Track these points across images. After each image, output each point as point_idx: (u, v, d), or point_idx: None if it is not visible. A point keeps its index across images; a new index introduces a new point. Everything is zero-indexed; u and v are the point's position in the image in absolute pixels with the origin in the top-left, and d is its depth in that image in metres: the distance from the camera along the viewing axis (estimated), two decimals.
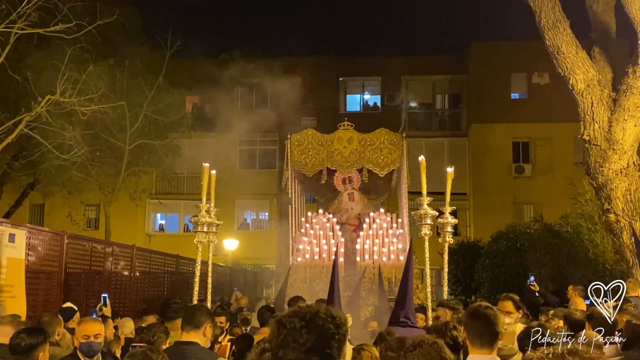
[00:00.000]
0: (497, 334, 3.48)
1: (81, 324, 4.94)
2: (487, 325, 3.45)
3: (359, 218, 12.99)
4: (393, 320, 5.49)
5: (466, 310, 3.72)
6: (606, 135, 10.07)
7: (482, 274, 17.07)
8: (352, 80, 32.01)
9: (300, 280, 11.45)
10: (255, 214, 31.54)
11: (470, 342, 3.49)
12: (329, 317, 2.23)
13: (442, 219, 7.05)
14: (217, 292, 17.70)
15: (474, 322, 3.50)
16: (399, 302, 5.68)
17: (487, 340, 3.45)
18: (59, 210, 23.06)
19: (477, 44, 29.28)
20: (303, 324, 2.19)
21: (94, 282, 11.14)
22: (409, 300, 5.59)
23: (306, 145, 12.65)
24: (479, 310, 3.52)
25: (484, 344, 3.44)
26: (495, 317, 3.50)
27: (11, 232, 8.15)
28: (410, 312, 5.55)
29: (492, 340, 3.46)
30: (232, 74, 30.95)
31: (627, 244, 9.87)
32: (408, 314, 5.48)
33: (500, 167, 28.22)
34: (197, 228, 6.74)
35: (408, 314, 5.48)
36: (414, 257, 10.70)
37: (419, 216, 6.67)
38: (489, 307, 3.55)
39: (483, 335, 3.44)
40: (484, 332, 3.45)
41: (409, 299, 5.60)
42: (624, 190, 9.95)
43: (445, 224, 7.05)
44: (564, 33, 10.33)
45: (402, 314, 5.47)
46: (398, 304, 5.68)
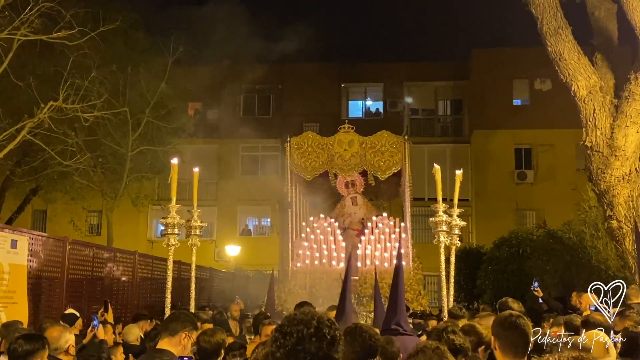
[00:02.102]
0: (529, 343, 3.52)
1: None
2: (522, 337, 3.49)
3: (362, 222, 12.81)
4: (385, 328, 5.21)
5: (495, 320, 3.73)
6: (608, 142, 10.06)
7: (485, 280, 17.04)
8: (354, 86, 32.05)
9: (299, 286, 11.25)
10: (258, 220, 31.52)
11: (503, 352, 3.50)
12: (332, 324, 2.24)
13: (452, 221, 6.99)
14: (219, 299, 17.69)
15: (507, 333, 3.51)
16: (390, 309, 5.44)
17: (522, 351, 3.48)
18: (61, 216, 23.09)
19: (479, 50, 29.30)
20: (311, 332, 2.18)
21: (95, 288, 11.14)
22: (400, 307, 5.36)
23: (306, 149, 12.44)
24: (511, 321, 3.54)
25: (518, 354, 3.47)
26: (528, 327, 3.55)
27: (13, 238, 8.16)
28: (402, 318, 5.30)
29: (526, 350, 3.50)
30: (234, 80, 31.06)
31: (629, 250, 9.84)
32: (400, 321, 5.21)
33: (503, 174, 28.20)
34: (167, 230, 6.38)
35: (400, 321, 5.21)
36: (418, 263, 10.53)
37: (434, 223, 6.55)
38: (520, 317, 3.58)
39: (518, 347, 3.47)
40: (518, 343, 3.48)
41: (400, 305, 5.37)
42: (626, 197, 9.93)
43: (454, 226, 6.98)
44: (566, 39, 10.33)
45: (394, 321, 5.21)
46: (389, 310, 5.44)
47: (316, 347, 2.15)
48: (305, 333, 2.17)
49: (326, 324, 2.22)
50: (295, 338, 2.17)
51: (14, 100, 16.73)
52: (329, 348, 2.17)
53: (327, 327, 2.20)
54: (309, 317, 2.23)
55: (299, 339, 2.17)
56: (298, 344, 2.16)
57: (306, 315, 2.25)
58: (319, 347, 2.16)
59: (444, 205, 6.62)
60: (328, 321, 2.24)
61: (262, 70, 31.55)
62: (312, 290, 11.08)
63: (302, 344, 2.16)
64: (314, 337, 2.17)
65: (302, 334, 2.17)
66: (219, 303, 15.98)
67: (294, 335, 2.18)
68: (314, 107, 29.41)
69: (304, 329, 2.18)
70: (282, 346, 2.18)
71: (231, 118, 28.96)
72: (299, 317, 2.24)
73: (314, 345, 2.15)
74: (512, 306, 6.21)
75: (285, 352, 2.17)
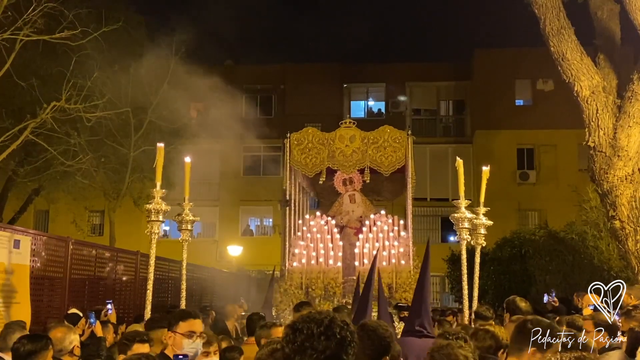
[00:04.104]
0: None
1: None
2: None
3: (360, 221, 12.31)
4: (407, 329, 5.06)
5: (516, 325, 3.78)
6: (611, 142, 10.05)
7: (487, 280, 17.02)
8: (356, 86, 32.05)
9: (295, 287, 10.85)
10: (260, 220, 31.53)
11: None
12: (345, 325, 2.24)
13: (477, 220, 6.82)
14: (221, 298, 17.67)
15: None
16: (414, 310, 5.29)
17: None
18: (63, 216, 23.10)
19: (481, 51, 29.29)
20: (321, 331, 2.18)
21: (98, 288, 11.16)
22: (425, 308, 5.19)
23: (306, 145, 11.98)
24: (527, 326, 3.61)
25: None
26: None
27: (16, 238, 8.17)
28: (427, 320, 5.12)
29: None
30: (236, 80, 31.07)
31: (632, 250, 9.83)
32: (424, 323, 5.03)
33: (505, 174, 28.16)
34: (150, 217, 5.77)
35: (424, 323, 5.03)
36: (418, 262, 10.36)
37: (456, 219, 6.30)
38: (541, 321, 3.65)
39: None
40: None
41: (425, 307, 5.19)
42: (629, 197, 9.92)
43: (479, 225, 6.81)
44: (569, 40, 10.32)
45: (417, 323, 5.02)
46: (413, 311, 5.29)
47: (324, 345, 2.16)
48: (315, 331, 2.18)
49: (338, 324, 2.22)
50: (305, 335, 2.18)
51: (17, 100, 16.74)
52: (338, 348, 2.17)
53: (339, 327, 2.21)
54: (322, 316, 2.24)
55: (308, 336, 2.18)
56: (306, 340, 2.17)
57: (320, 315, 2.25)
58: (327, 346, 2.16)
59: (466, 201, 6.36)
60: (341, 322, 2.23)
61: (264, 70, 31.60)
62: (308, 290, 10.77)
63: (311, 341, 2.17)
64: (323, 335, 2.17)
65: (311, 331, 2.18)
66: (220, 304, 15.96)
67: (303, 332, 2.19)
68: (316, 107, 29.41)
69: (315, 326, 2.19)
70: (291, 342, 2.19)
71: (233, 118, 28.95)
72: (313, 316, 2.25)
73: (322, 344, 2.16)
74: (520, 305, 6.17)
75: (294, 348, 2.18)
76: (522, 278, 15.87)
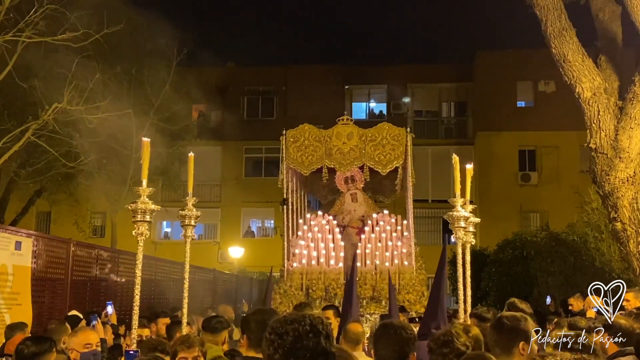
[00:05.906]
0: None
1: (79, 335, 4.80)
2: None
3: (362, 220, 11.98)
4: (422, 332, 4.86)
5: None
6: (612, 144, 10.03)
7: (489, 282, 17.02)
8: (358, 88, 32.06)
9: (295, 288, 10.62)
10: (261, 222, 31.53)
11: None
12: (322, 321, 2.31)
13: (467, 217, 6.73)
14: (223, 300, 17.69)
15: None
16: (429, 312, 5.21)
17: None
18: (65, 217, 23.12)
19: (483, 52, 29.28)
20: (307, 329, 2.23)
21: (99, 290, 11.16)
22: (442, 310, 5.11)
23: (302, 142, 11.67)
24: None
25: None
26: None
27: (17, 240, 8.18)
28: (443, 322, 5.01)
29: None
30: (238, 82, 31.12)
31: (633, 252, 9.81)
32: (440, 325, 4.92)
33: (507, 175, 28.16)
34: (136, 217, 5.43)
35: (440, 325, 4.92)
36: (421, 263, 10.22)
37: (452, 218, 6.10)
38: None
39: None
40: None
41: (442, 309, 5.11)
42: (631, 199, 9.90)
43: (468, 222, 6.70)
44: (570, 41, 10.31)
45: (433, 326, 4.89)
46: (428, 314, 5.21)
47: (314, 342, 2.20)
48: (302, 330, 2.22)
49: (318, 320, 2.28)
50: (292, 337, 2.21)
51: (19, 102, 16.76)
52: (326, 342, 2.23)
53: (320, 323, 2.27)
54: (299, 317, 2.28)
55: (297, 337, 2.21)
56: (296, 341, 2.20)
57: (296, 315, 2.30)
58: (317, 342, 2.21)
59: (462, 200, 6.20)
60: (318, 318, 2.30)
61: (265, 71, 31.63)
62: (308, 292, 10.54)
63: (300, 341, 2.20)
64: (311, 333, 2.22)
65: (298, 332, 2.22)
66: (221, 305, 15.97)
67: (290, 334, 2.21)
68: (318, 108, 29.39)
69: (299, 327, 2.23)
70: (280, 347, 2.21)
71: (235, 120, 29.00)
72: (290, 317, 2.30)
73: (312, 341, 2.20)
74: (520, 307, 6.15)
75: (285, 352, 2.20)
76: (523, 280, 15.85)
